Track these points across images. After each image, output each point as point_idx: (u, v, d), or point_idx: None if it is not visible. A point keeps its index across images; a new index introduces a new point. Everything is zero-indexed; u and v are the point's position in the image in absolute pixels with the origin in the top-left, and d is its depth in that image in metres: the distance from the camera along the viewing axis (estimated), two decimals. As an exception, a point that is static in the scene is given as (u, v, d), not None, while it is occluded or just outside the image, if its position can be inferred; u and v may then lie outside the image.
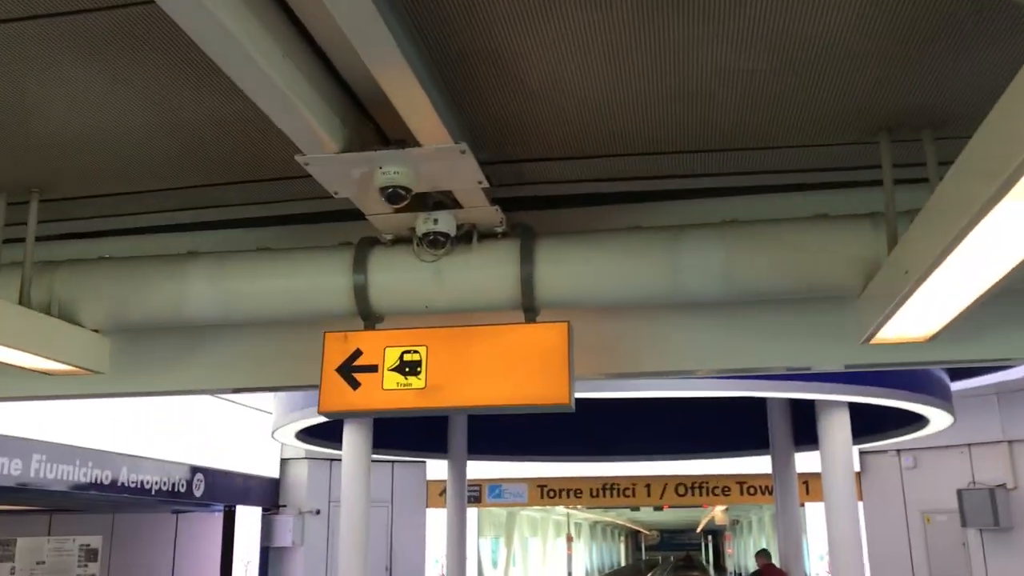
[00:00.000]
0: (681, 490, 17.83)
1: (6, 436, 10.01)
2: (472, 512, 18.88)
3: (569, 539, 34.04)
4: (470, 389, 3.53)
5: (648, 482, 17.96)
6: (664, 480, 17.82)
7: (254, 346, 4.37)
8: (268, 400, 13.80)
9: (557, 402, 3.47)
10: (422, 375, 3.59)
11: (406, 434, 12.00)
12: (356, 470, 9.36)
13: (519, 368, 3.52)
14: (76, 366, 3.89)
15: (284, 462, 16.72)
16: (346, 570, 9.07)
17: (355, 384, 3.62)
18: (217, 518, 15.37)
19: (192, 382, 4.41)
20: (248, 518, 15.55)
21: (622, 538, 62.94)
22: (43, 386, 4.29)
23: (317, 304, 3.76)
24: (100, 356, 3.99)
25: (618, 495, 18.32)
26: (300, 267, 3.76)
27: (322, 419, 8.85)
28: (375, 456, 16.18)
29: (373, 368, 3.64)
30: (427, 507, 17.55)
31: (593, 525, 43.47)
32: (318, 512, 16.54)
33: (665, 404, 10.38)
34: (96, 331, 3.99)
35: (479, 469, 16.55)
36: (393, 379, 3.61)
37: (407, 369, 3.61)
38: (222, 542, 15.19)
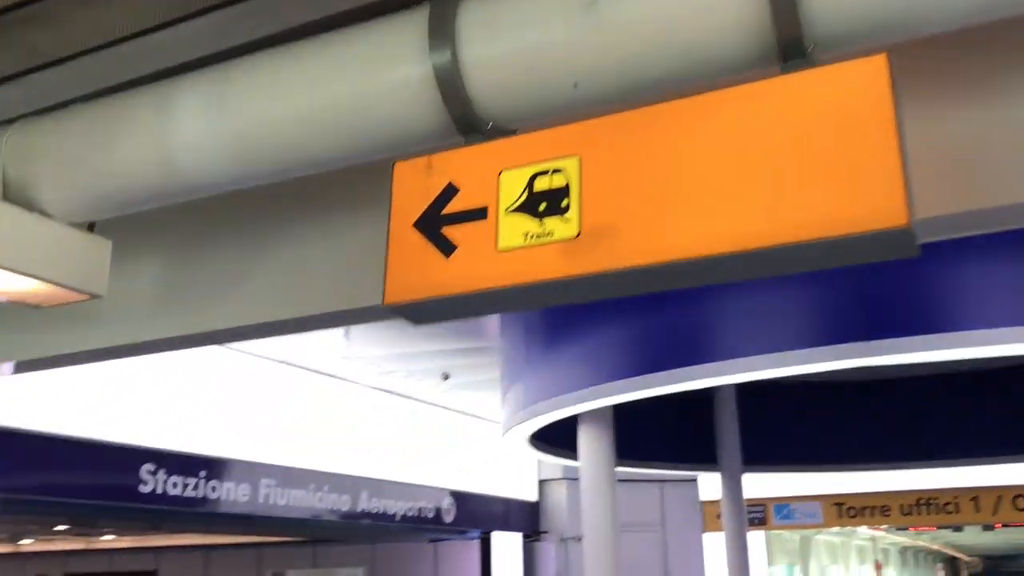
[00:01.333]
0: (1021, 503, 14.29)
1: (260, 463, 9.29)
2: (760, 537, 16.34)
3: (878, 567, 29.93)
4: (679, 227, 1.61)
5: (975, 494, 14.58)
6: (997, 492, 14.39)
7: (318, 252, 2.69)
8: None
9: (879, 225, 1.47)
10: (572, 213, 1.72)
11: (660, 440, 9.99)
12: (596, 483, 7.48)
13: (778, 167, 1.56)
14: (55, 283, 2.38)
15: (543, 484, 15.19)
16: (598, 605, 7.20)
17: (448, 246, 1.82)
18: (474, 545, 14.08)
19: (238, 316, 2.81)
20: (507, 545, 14.13)
21: (939, 566, 55.93)
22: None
23: (378, 122, 2.00)
24: (94, 267, 2.47)
25: (936, 511, 15.04)
26: (341, 55, 2.03)
27: (554, 415, 7.08)
28: (643, 477, 14.34)
29: (479, 213, 1.82)
30: (704, 531, 15.29)
31: (903, 551, 38.45)
32: (580, 539, 14.80)
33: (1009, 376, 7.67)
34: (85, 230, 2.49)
35: (763, 486, 14.11)
36: (517, 228, 1.77)
37: (543, 205, 1.76)
38: (481, 571, 13.86)
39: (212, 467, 8.94)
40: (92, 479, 7.85)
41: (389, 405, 11.78)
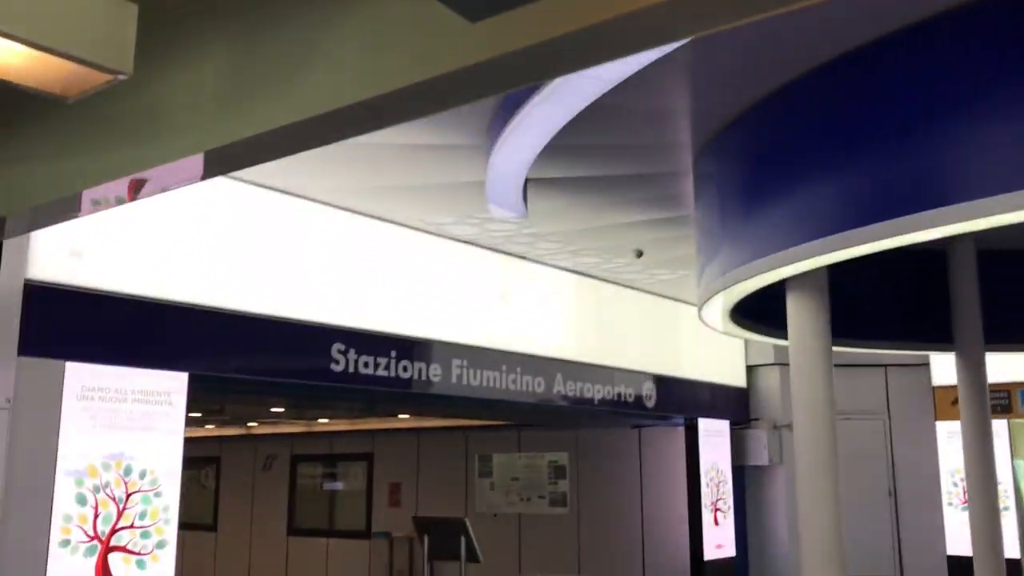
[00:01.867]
0: None
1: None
2: (1002, 426, 14.72)
3: None
4: None
5: None
6: None
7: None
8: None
9: None
10: None
11: (884, 315, 8.85)
12: (809, 360, 6.58)
13: None
14: (72, 57, 1.89)
15: (751, 370, 14.30)
16: (810, 494, 6.43)
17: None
18: (679, 433, 13.51)
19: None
20: (713, 433, 13.45)
21: None
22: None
23: None
24: (118, 39, 1.96)
25: None
26: None
27: (757, 282, 6.24)
28: (865, 360, 13.15)
29: None
30: (936, 419, 13.91)
31: None
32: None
33: None
34: None
35: (1006, 368, 12.53)
36: None
37: None
38: (687, 459, 13.30)
39: (403, 347, 8.79)
40: (283, 358, 7.85)
41: (582, 286, 11.25)
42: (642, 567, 14.18)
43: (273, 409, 13.84)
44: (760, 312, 7.90)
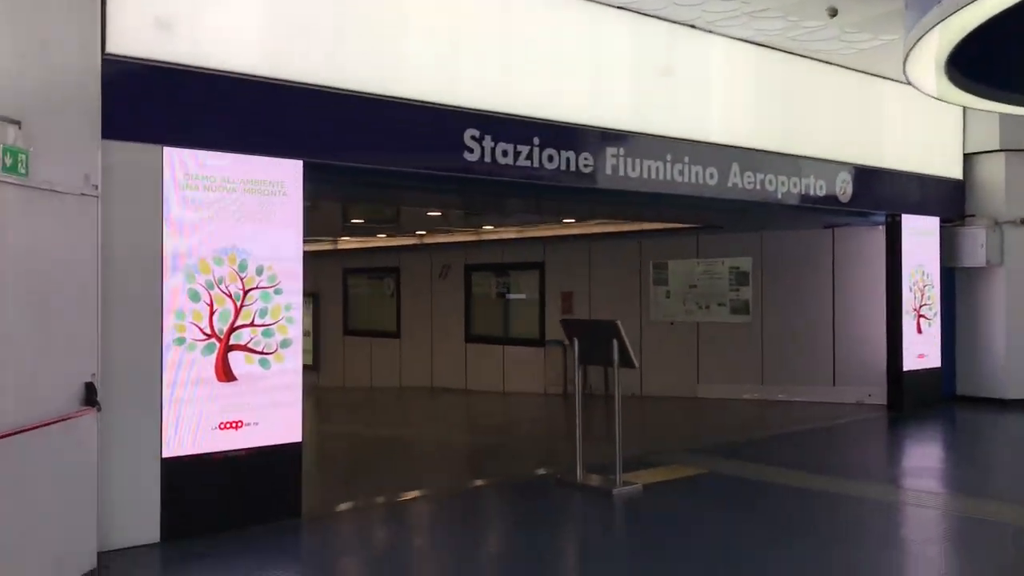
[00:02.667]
0: None
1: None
2: None
3: None
4: None
5: None
6: None
7: None
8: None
9: None
10: None
11: None
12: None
13: None
14: None
15: (969, 158, 12.24)
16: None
17: None
18: (879, 232, 11.87)
19: None
20: (919, 231, 11.72)
21: None
22: None
23: None
24: None
25: None
26: None
27: (981, 9, 4.65)
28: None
29: None
30: None
31: None
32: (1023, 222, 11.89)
33: None
34: None
35: None
36: None
37: None
38: (887, 261, 11.71)
39: (548, 133, 7.73)
40: (409, 145, 7.00)
41: (762, 59, 9.62)
42: (832, 378, 12.99)
43: (411, 209, 13.32)
44: (984, 67, 6.21)
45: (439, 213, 13.61)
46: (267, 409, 6.09)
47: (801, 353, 13.26)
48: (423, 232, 16.84)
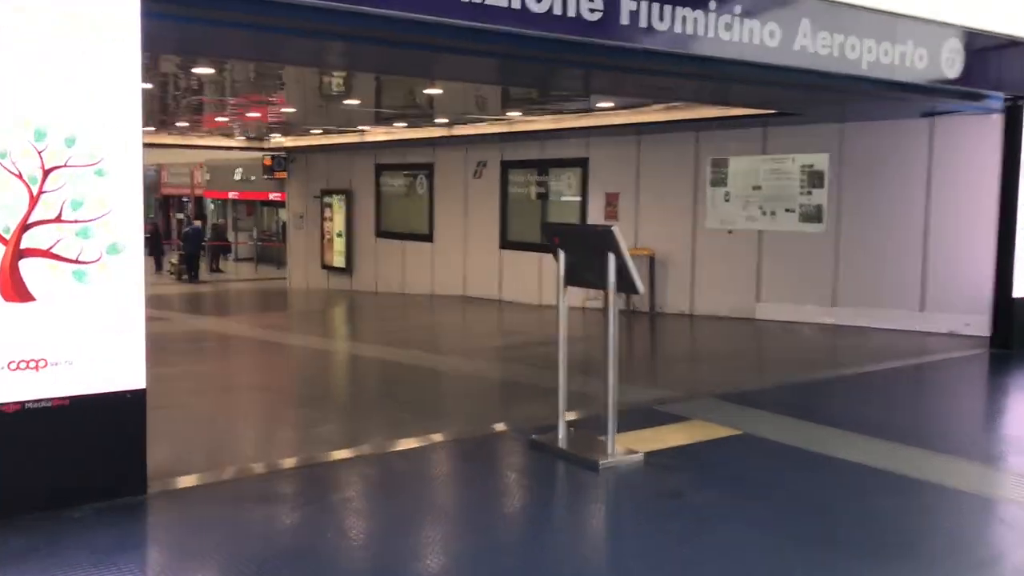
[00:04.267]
0: None
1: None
2: None
3: None
4: None
5: None
6: None
7: None
8: None
9: None
10: None
11: None
12: None
13: None
14: None
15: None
16: None
17: None
18: (993, 123, 9.27)
19: None
20: (1049, 121, 9.07)
21: None
22: None
23: None
24: None
25: None
26: None
27: None
28: None
29: None
30: None
31: None
32: None
33: None
34: None
35: None
36: None
37: None
38: (1003, 159, 9.15)
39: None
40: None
41: None
42: (920, 302, 10.58)
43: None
44: None
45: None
46: (86, 342, 4.19)
47: (884, 271, 10.86)
48: (444, 120, 14.61)
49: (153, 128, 16.69)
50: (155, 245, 25.05)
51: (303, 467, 5.12)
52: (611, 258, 4.94)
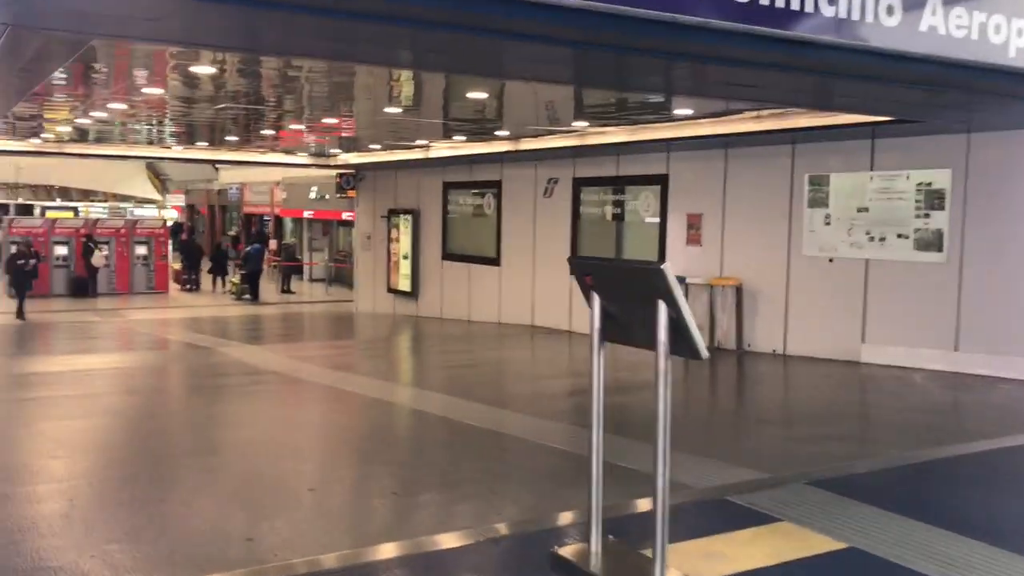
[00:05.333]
0: None
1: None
2: None
3: None
4: None
5: None
6: None
7: None
8: None
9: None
10: None
11: None
12: None
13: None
14: None
15: None
16: None
17: None
18: None
19: None
20: None
21: None
22: None
23: None
24: None
25: None
26: None
27: None
28: None
29: None
30: None
31: None
32: None
33: None
34: None
35: None
36: None
37: None
38: None
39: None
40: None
41: None
42: (1067, 350, 8.71)
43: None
44: None
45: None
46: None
47: (1016, 309, 9.03)
48: (507, 132, 13.27)
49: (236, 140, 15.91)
50: (218, 263, 24.48)
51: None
52: (662, 309, 3.49)
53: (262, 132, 14.20)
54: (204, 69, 8.21)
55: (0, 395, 9.25)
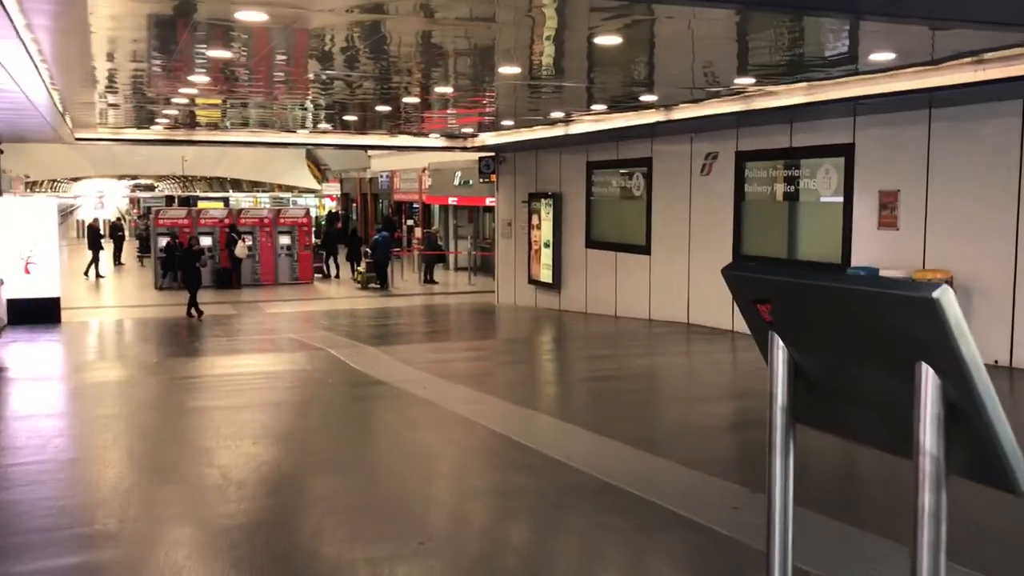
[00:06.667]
0: None
1: None
2: None
3: None
4: None
5: None
6: None
7: None
8: None
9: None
10: None
11: None
12: None
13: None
14: None
15: None
16: None
17: None
18: None
19: None
20: None
21: None
22: None
23: None
24: None
25: None
26: None
27: None
28: None
29: None
30: None
31: None
32: None
33: None
34: None
35: None
36: None
37: None
38: None
39: None
40: None
41: None
42: None
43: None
44: None
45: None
46: None
47: None
48: (656, 97, 11.22)
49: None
50: (353, 248, 23.73)
51: None
52: (928, 381, 1.60)
53: (407, 114, 13.04)
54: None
55: (155, 403, 8.29)
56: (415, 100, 11.51)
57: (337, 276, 23.65)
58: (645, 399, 8.77)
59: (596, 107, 12.08)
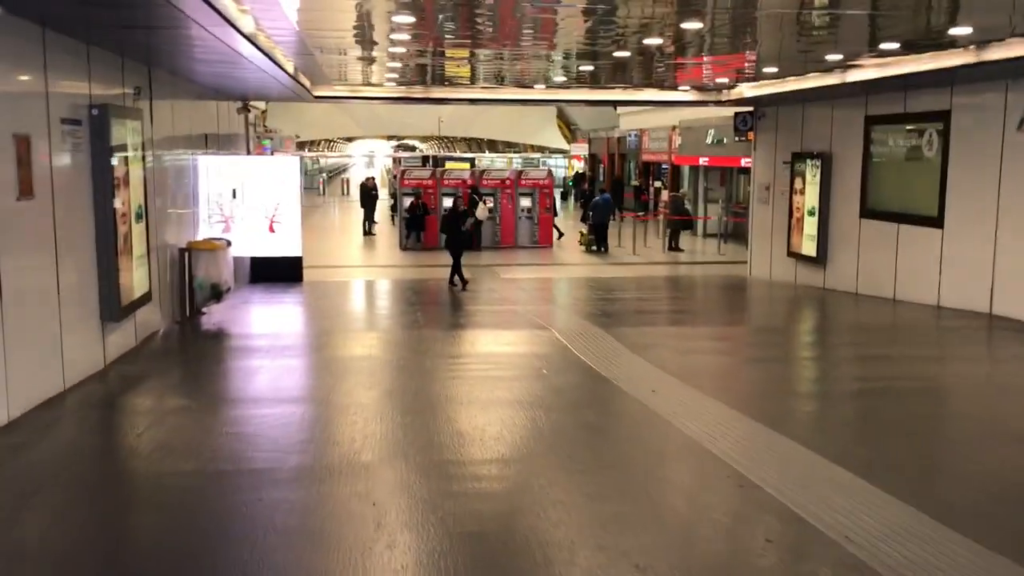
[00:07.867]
0: None
1: None
2: None
3: None
4: None
5: None
6: None
7: None
8: None
9: None
10: None
11: None
12: None
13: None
14: None
15: None
16: None
17: None
18: None
19: None
20: None
21: None
22: None
23: None
24: None
25: None
26: None
27: None
28: None
29: None
30: None
31: None
32: None
33: None
34: None
35: None
36: None
37: None
38: None
39: None
40: None
41: None
42: None
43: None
44: None
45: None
46: None
47: None
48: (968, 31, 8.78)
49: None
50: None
51: None
52: None
53: (659, 61, 11.51)
54: None
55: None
56: (665, 42, 9.88)
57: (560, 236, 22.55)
58: (931, 426, 6.75)
59: (883, 46, 9.79)
